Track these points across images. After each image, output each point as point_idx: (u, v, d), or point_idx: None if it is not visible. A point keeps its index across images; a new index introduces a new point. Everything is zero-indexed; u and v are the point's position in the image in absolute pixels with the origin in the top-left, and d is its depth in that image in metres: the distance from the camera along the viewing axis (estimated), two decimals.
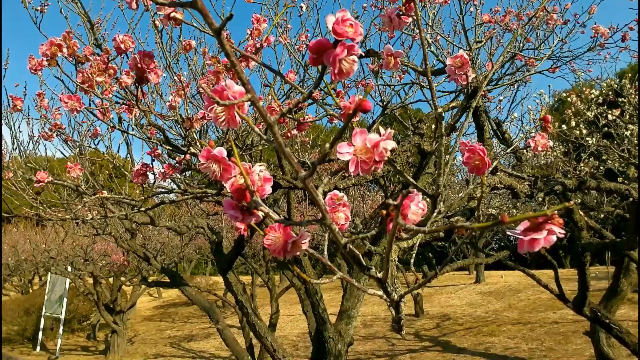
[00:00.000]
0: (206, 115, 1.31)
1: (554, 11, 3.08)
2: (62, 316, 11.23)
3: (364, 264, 0.53)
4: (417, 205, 0.51)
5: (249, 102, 0.41)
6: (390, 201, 0.43)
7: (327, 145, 0.39)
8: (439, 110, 0.57)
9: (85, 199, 1.68)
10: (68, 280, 10.95)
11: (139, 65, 0.76)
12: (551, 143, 0.84)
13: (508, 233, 0.44)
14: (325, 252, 0.56)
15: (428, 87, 2.59)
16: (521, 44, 3.27)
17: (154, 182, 1.27)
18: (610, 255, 11.58)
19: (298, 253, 0.51)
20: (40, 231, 12.88)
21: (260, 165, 0.47)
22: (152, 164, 1.26)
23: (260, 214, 0.47)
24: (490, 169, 1.18)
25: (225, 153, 0.47)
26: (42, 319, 11.18)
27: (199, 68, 2.33)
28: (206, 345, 11.70)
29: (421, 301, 11.80)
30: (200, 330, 13.53)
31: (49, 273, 11.57)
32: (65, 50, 0.98)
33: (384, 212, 0.48)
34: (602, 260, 14.25)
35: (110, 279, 11.89)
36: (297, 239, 0.50)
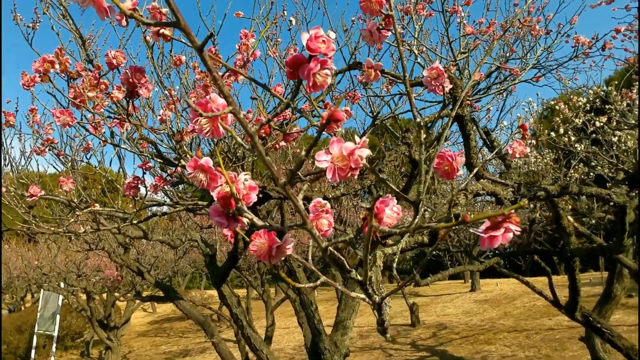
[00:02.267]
0: (195, 127, 1.33)
1: (538, 21, 3.15)
2: (55, 333, 11.06)
3: (346, 267, 0.55)
4: (391, 210, 0.54)
5: (232, 114, 0.43)
6: (364, 204, 0.46)
7: (303, 153, 0.41)
8: (418, 119, 0.60)
9: (77, 213, 1.68)
10: (61, 297, 10.82)
11: (130, 80, 0.79)
12: (528, 150, 0.87)
13: (471, 231, 0.47)
14: (310, 258, 0.58)
15: (417, 97, 2.64)
16: (507, 54, 3.34)
17: (146, 194, 1.29)
18: (604, 261, 11.66)
19: (283, 259, 0.53)
20: (33, 247, 12.75)
21: (245, 174, 0.50)
22: (143, 176, 1.28)
23: (245, 220, 0.49)
24: (472, 175, 1.22)
25: (211, 163, 0.49)
26: (35, 337, 11.02)
27: (191, 82, 2.36)
28: None
29: (417, 311, 11.78)
30: (195, 345, 13.41)
31: (42, 290, 11.43)
32: (57, 66, 1.00)
33: (361, 215, 0.50)
34: (596, 266, 14.33)
35: (104, 295, 11.78)
36: (281, 244, 0.52)
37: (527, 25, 2.96)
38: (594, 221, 6.74)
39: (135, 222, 1.70)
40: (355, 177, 0.44)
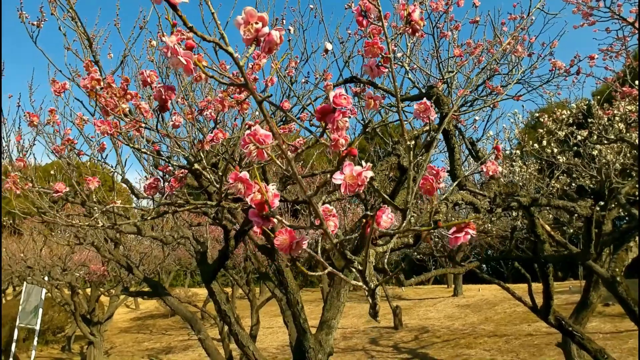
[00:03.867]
0: (214, 139, 1.48)
1: (523, 40, 3.34)
2: (37, 327, 11.00)
3: (349, 257, 0.70)
4: (387, 216, 0.70)
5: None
6: (369, 213, 0.61)
7: (328, 175, 0.56)
8: (408, 143, 0.74)
9: (96, 208, 1.80)
10: (44, 291, 10.77)
11: (163, 97, 0.92)
12: (500, 169, 1.02)
13: (443, 233, 0.61)
14: (320, 251, 0.73)
15: (406, 108, 2.79)
16: (492, 70, 3.52)
17: (164, 195, 1.42)
18: (583, 269, 11.98)
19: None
20: (17, 240, 12.64)
21: (272, 185, 0.64)
22: (162, 179, 1.41)
23: (275, 220, 0.64)
24: (455, 184, 1.38)
25: (248, 176, 0.64)
26: (16, 330, 10.94)
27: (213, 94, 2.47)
28: (184, 358, 11.63)
29: (400, 314, 11.97)
30: (178, 342, 13.43)
31: (25, 283, 11.34)
32: (102, 83, 1.14)
33: (364, 220, 0.65)
34: (576, 274, 14.68)
35: (88, 289, 11.76)
36: (299, 240, 0.67)
37: (512, 47, 3.15)
38: (571, 230, 7.00)
39: (148, 218, 1.83)
40: (362, 191, 0.59)
